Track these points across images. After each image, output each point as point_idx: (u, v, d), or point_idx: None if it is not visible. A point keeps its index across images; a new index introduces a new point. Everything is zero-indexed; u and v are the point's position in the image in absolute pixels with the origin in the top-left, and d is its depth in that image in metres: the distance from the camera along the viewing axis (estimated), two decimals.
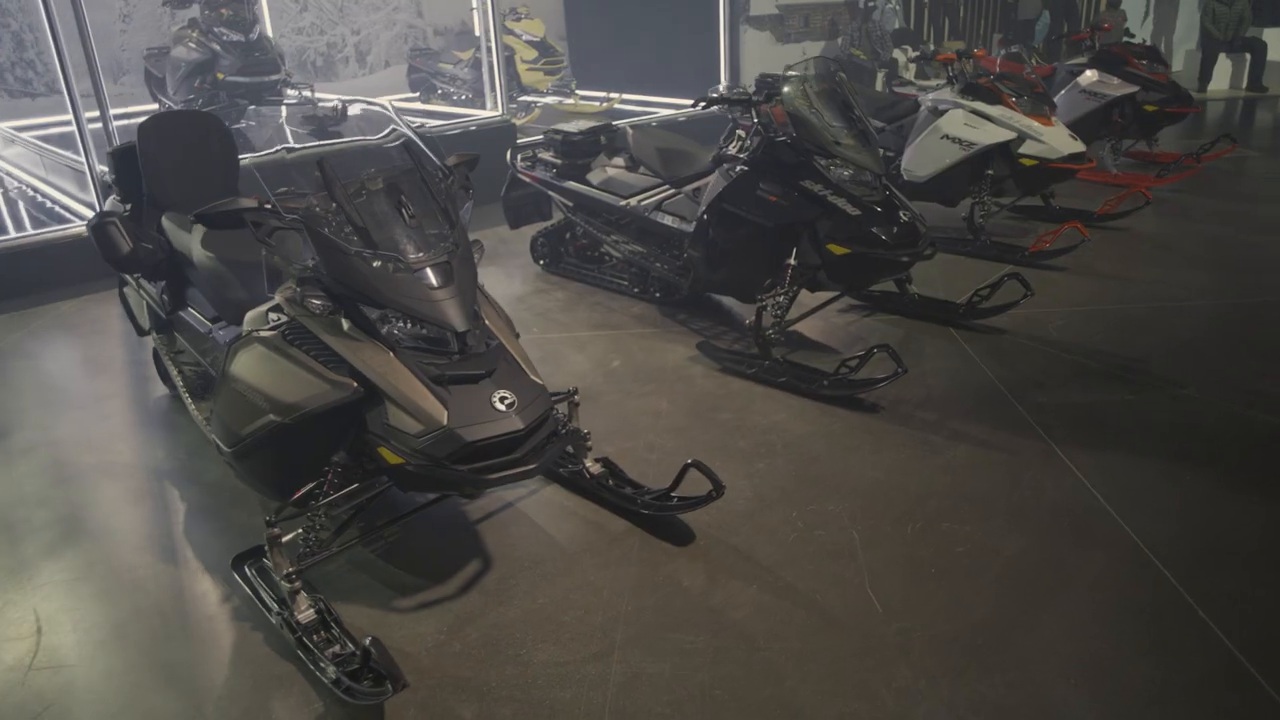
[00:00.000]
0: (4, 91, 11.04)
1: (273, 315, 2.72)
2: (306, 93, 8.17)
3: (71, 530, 3.20)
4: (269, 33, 10.89)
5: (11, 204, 7.63)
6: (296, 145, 2.53)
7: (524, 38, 9.85)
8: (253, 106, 8.18)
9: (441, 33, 13.67)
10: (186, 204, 3.38)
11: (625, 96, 10.22)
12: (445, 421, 2.41)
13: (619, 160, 5.14)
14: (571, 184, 5.19)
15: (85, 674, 2.52)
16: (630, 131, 5.03)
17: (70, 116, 5.97)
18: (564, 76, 10.39)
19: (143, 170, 3.62)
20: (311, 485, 2.67)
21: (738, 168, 4.20)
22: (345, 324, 2.57)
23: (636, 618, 2.60)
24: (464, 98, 10.50)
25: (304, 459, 2.69)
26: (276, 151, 2.74)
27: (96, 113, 5.96)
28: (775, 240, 4.07)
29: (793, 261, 4.02)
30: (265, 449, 2.71)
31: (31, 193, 7.70)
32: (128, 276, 3.95)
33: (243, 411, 2.67)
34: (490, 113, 7.87)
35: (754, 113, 4.16)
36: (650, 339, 4.59)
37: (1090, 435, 3.45)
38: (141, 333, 4.04)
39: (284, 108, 8.59)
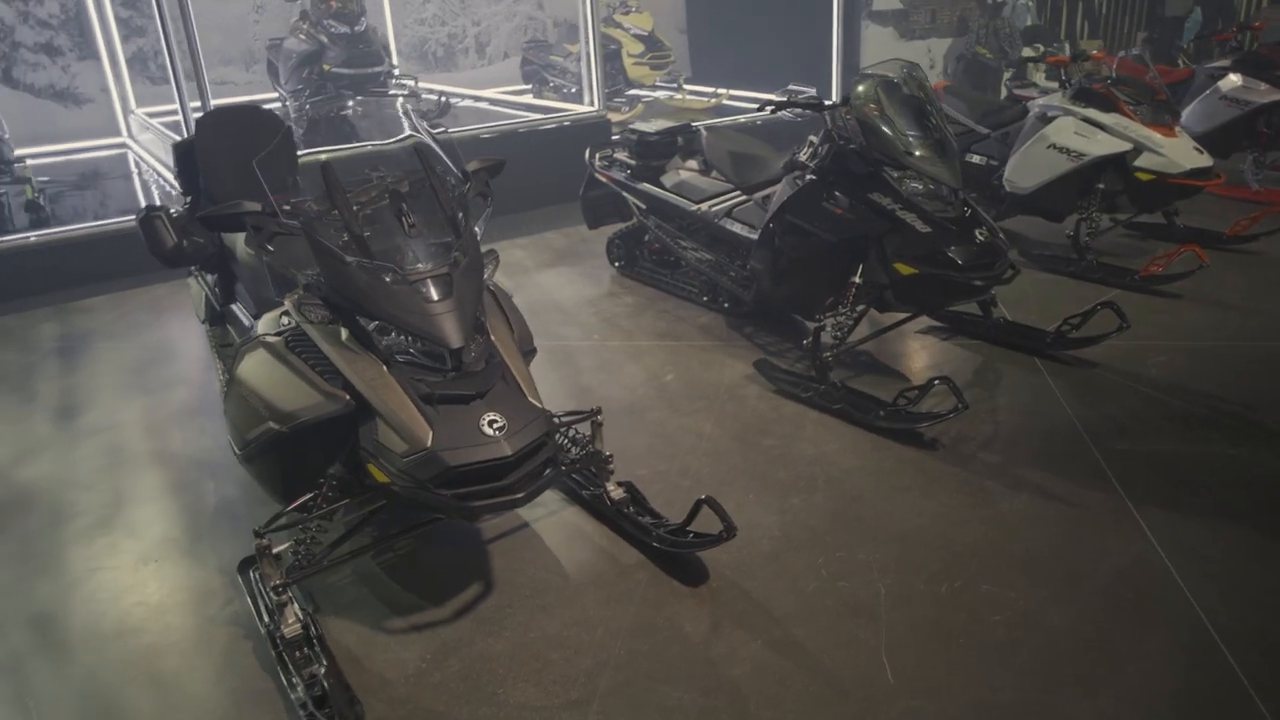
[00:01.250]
0: (147, 79, 11.67)
1: (284, 320, 2.67)
2: (410, 83, 8.28)
3: (108, 518, 3.27)
4: (388, 25, 11.17)
5: (145, 187, 8.04)
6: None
7: (631, 31, 9.72)
8: (360, 98, 8.36)
9: (560, 24, 13.71)
10: (241, 198, 3.40)
11: (733, 92, 9.94)
12: (429, 443, 2.31)
13: (693, 163, 4.94)
14: (645, 185, 5.03)
15: (79, 670, 2.54)
16: (704, 133, 4.82)
17: (177, 105, 6.20)
18: (672, 71, 10.20)
19: (200, 164, 3.67)
20: (308, 496, 2.61)
21: (806, 176, 3.94)
22: (344, 334, 2.50)
23: (627, 663, 2.43)
24: (572, 91, 10.46)
25: (304, 468, 2.64)
26: None
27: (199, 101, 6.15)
28: (840, 256, 3.80)
29: (857, 280, 3.75)
30: (269, 454, 2.67)
31: (157, 176, 8.09)
32: (192, 267, 4.03)
33: (248, 415, 2.63)
34: (586, 108, 7.78)
35: (827, 117, 3.90)
36: (711, 352, 4.39)
37: (1173, 494, 3.06)
38: (203, 321, 4.12)
39: (400, 100, 8.75)
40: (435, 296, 2.44)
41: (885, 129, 3.66)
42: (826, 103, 3.87)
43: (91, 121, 10.10)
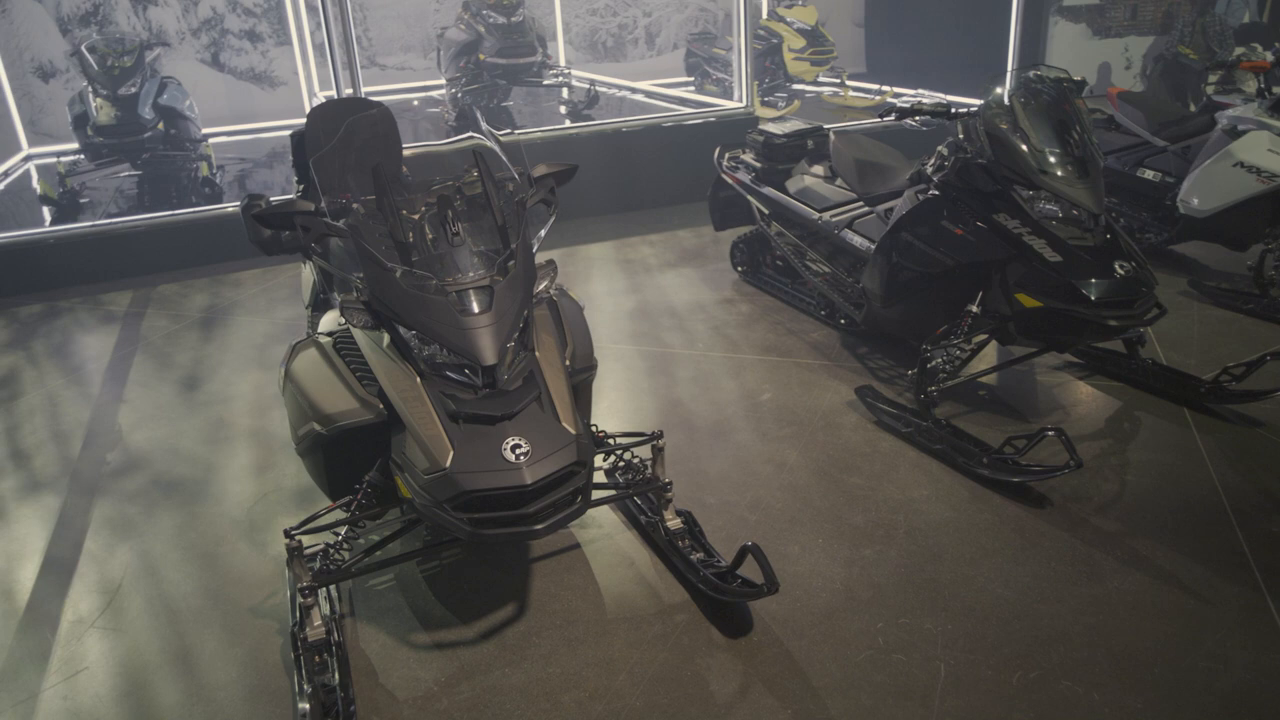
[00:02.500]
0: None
1: (341, 321, 2.65)
2: (563, 74, 8.31)
3: (197, 492, 3.39)
4: (557, 15, 11.30)
5: None
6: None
7: (794, 25, 9.37)
8: (515, 87, 8.46)
9: (730, 17, 13.46)
10: (341, 189, 3.43)
11: (901, 90, 9.41)
12: (448, 463, 2.21)
13: (819, 169, 4.64)
14: (768, 190, 4.78)
15: (129, 644, 2.62)
16: (832, 138, 4.51)
17: (333, 90, 6.44)
18: (835, 67, 9.77)
19: (309, 155, 3.73)
20: (343, 501, 2.58)
21: (930, 190, 3.59)
22: (385, 340, 2.44)
23: (640, 717, 2.25)
24: (732, 84, 10.23)
25: (345, 470, 2.61)
26: None
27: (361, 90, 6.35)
28: (958, 280, 3.44)
29: (975, 308, 3.37)
30: (316, 452, 2.65)
31: None
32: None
33: (297, 412, 2.63)
34: (734, 104, 7.54)
35: (958, 127, 3.53)
36: (815, 372, 4.10)
37: None
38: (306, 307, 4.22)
39: (565, 91, 8.82)
40: (474, 309, 2.33)
41: (1018, 143, 3.26)
42: (956, 110, 3.50)
43: (283, 103, 10.73)
